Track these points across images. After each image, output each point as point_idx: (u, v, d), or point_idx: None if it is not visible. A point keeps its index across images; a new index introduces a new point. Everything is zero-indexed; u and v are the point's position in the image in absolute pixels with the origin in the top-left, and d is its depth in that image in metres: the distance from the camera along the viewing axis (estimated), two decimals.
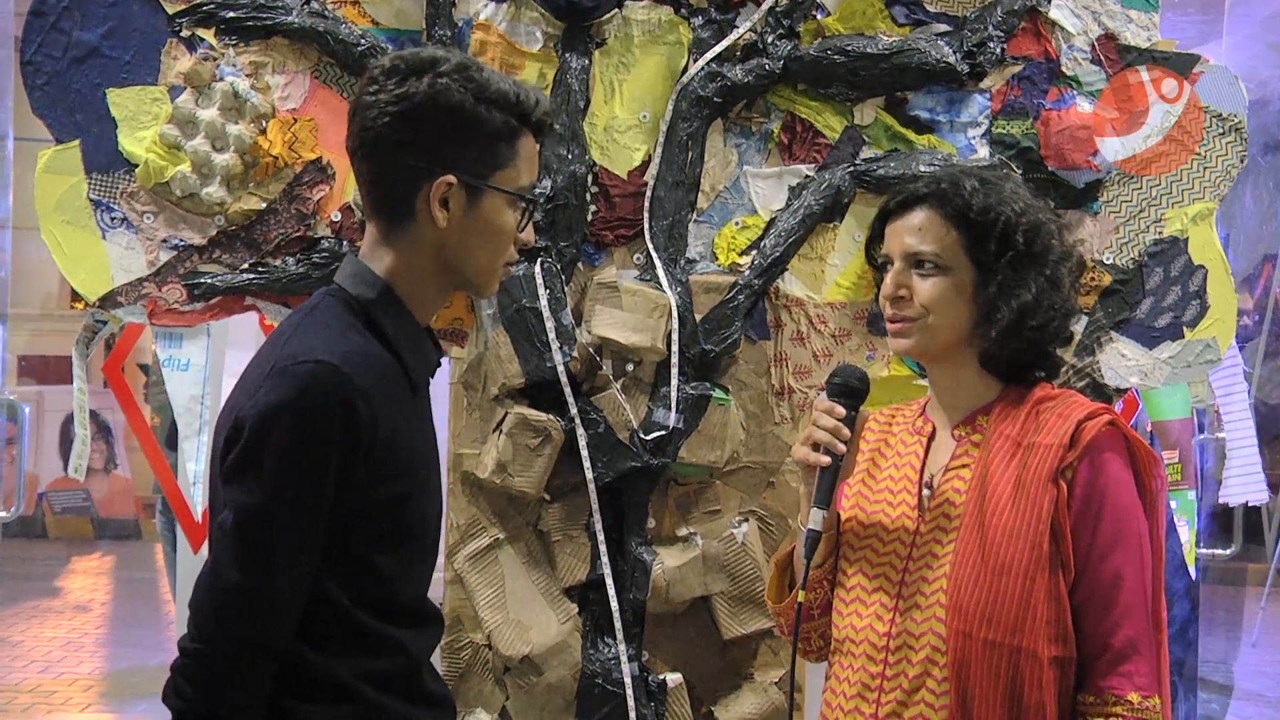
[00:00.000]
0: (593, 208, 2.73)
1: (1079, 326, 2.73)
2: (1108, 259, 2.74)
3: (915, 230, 1.98)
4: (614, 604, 2.69)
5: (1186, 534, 3.97)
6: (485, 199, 1.84)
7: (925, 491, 2.00)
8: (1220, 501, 4.06)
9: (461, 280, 1.91)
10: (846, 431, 1.96)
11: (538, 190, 1.86)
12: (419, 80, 1.79)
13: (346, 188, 2.72)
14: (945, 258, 1.95)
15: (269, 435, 1.69)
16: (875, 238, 2.08)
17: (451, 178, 1.80)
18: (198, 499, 3.69)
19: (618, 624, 2.69)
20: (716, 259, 2.76)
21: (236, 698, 1.71)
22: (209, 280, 2.71)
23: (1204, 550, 4.60)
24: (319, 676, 1.77)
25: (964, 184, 1.96)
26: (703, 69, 2.71)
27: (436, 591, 2.56)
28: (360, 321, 1.83)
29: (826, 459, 1.95)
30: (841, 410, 1.97)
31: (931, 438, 2.05)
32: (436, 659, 2.65)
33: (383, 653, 1.82)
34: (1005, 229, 1.94)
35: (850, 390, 1.99)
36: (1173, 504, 3.97)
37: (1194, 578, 4.52)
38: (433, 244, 1.84)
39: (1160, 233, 2.74)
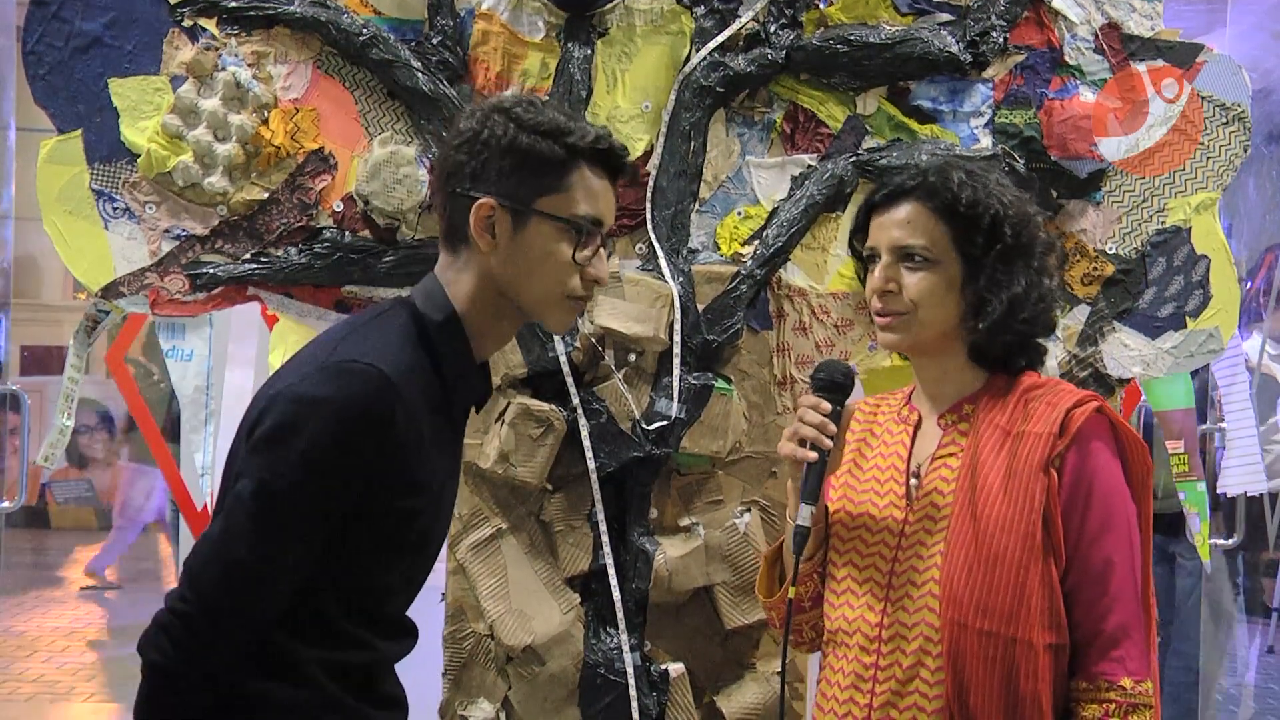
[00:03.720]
0: None
1: (1081, 316, 2.73)
2: (1111, 249, 2.73)
3: (903, 224, 1.97)
4: (616, 594, 2.69)
5: (1197, 525, 3.95)
6: (531, 225, 1.86)
7: (913, 481, 2.00)
8: (1219, 492, 4.06)
9: (519, 310, 1.92)
10: (832, 427, 1.96)
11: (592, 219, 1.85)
12: (478, 116, 1.87)
13: (348, 178, 2.72)
14: (934, 251, 1.95)
15: (308, 422, 1.72)
16: (859, 230, 2.07)
17: (491, 200, 1.84)
18: (205, 490, 3.69)
19: (620, 614, 2.69)
20: (719, 249, 2.76)
21: (211, 663, 1.75)
22: (211, 270, 2.71)
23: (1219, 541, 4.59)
24: (280, 658, 1.80)
25: (951, 176, 1.96)
26: (705, 59, 2.71)
27: (439, 581, 2.58)
28: (420, 340, 1.86)
29: (813, 454, 1.95)
30: (827, 405, 1.97)
31: (918, 427, 2.04)
32: (438, 649, 2.67)
33: (350, 650, 1.85)
34: (994, 222, 1.93)
35: (835, 385, 1.99)
36: (1181, 496, 3.96)
37: (1207, 570, 4.51)
38: (485, 271, 1.88)
39: (1163, 222, 2.74)
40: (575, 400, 2.67)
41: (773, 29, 2.72)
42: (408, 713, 2.02)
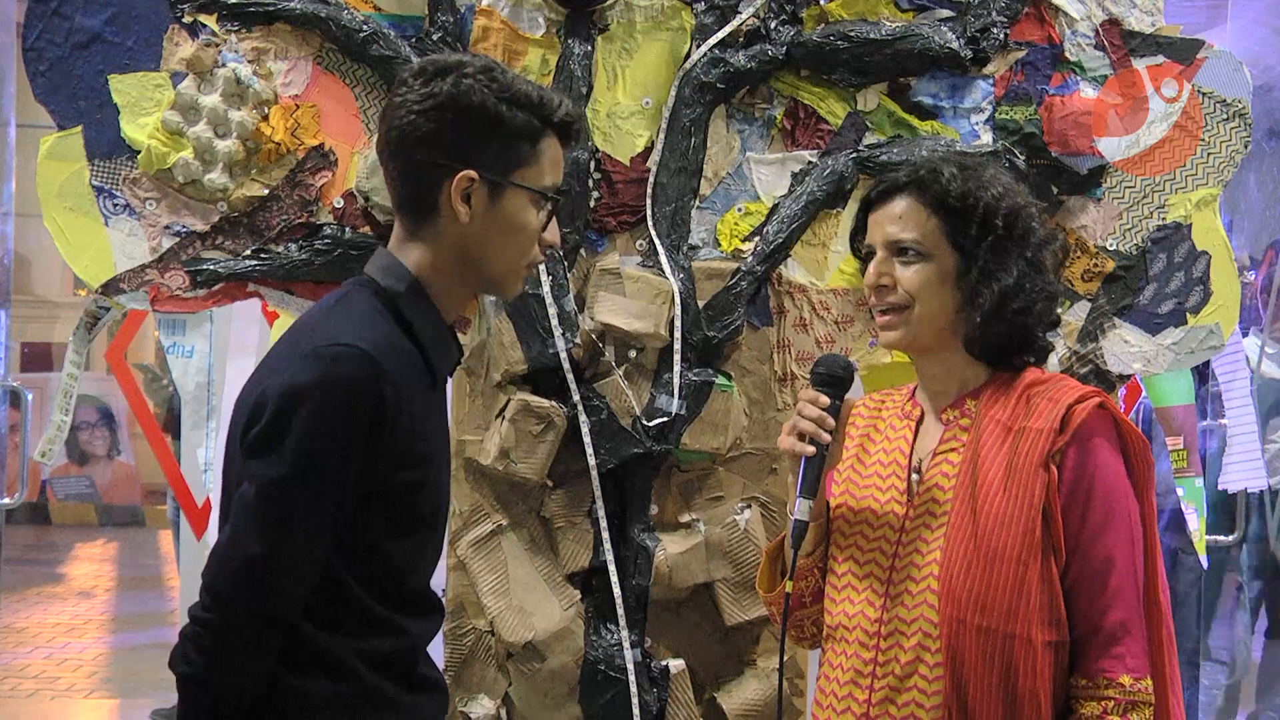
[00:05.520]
0: (595, 194, 2.73)
1: (1082, 313, 2.73)
2: (1111, 245, 2.73)
3: (896, 219, 1.98)
4: (616, 590, 2.69)
5: (1195, 522, 3.95)
6: (507, 196, 1.86)
7: (914, 477, 2.00)
8: (1220, 488, 4.06)
9: (484, 279, 1.93)
10: (831, 421, 1.96)
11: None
12: (443, 80, 1.84)
13: (349, 174, 2.72)
14: (927, 244, 1.96)
15: (295, 413, 1.72)
16: (859, 229, 2.09)
17: (473, 173, 1.84)
18: (207, 485, 3.70)
19: (620, 610, 2.69)
20: (719, 245, 2.75)
21: (242, 667, 1.75)
22: (212, 267, 2.71)
23: (1207, 537, 4.59)
24: (317, 653, 1.80)
25: (942, 171, 1.97)
26: (705, 55, 2.71)
27: (440, 577, 2.57)
28: (388, 312, 1.86)
29: (811, 449, 1.95)
30: (826, 400, 1.97)
31: (920, 422, 2.05)
32: (439, 646, 2.66)
33: (383, 635, 1.85)
34: (985, 213, 1.94)
35: (834, 379, 1.99)
36: (1179, 491, 3.96)
37: (1205, 566, 4.51)
38: (455, 240, 1.87)
39: (1164, 218, 2.73)
40: (576, 397, 2.67)
41: (773, 25, 2.72)
42: (447, 695, 2.02)
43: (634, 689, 2.67)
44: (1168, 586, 1.97)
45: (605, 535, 2.70)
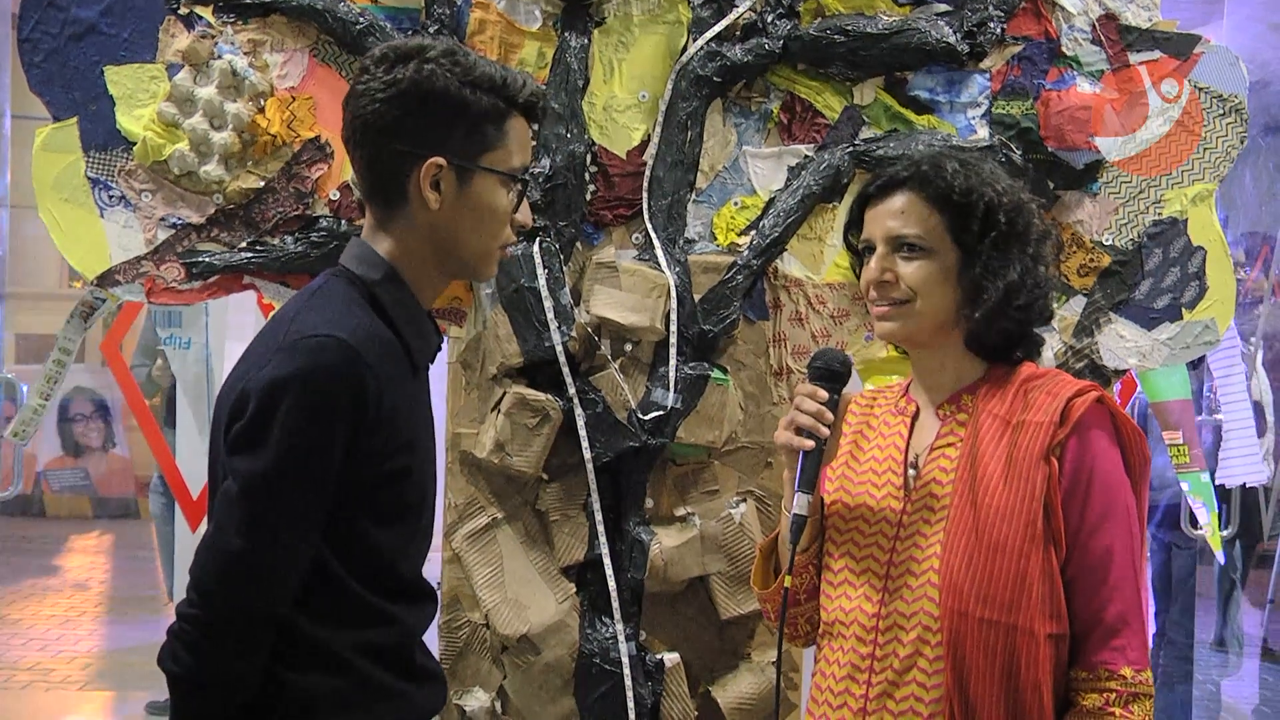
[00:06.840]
0: (591, 187, 2.72)
1: (1078, 308, 2.73)
2: (1107, 240, 2.73)
3: (898, 214, 1.97)
4: (612, 584, 2.69)
5: (1206, 516, 3.93)
6: (476, 180, 1.86)
7: (910, 472, 2.00)
8: (1218, 483, 4.06)
9: (458, 264, 1.93)
10: (829, 415, 1.96)
11: (534, 171, 1.92)
12: (406, 66, 1.82)
13: (344, 166, 2.71)
14: (929, 240, 1.95)
15: (277, 407, 1.71)
16: (854, 223, 2.08)
17: (441, 159, 1.83)
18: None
19: (615, 604, 2.69)
20: (715, 239, 2.75)
21: (233, 663, 1.74)
22: (207, 259, 2.71)
23: (1201, 532, 4.61)
24: (313, 647, 1.79)
25: (945, 166, 1.96)
26: (702, 48, 2.71)
27: (435, 570, 2.58)
28: (365, 302, 1.85)
29: (810, 443, 1.95)
30: (824, 394, 1.97)
31: (915, 418, 2.05)
32: (433, 637, 2.66)
33: (377, 626, 1.85)
34: (988, 209, 1.94)
35: (832, 374, 1.98)
36: (1185, 486, 3.96)
37: (1222, 562, 4.49)
38: (427, 226, 1.87)
39: (1160, 214, 2.74)
40: (571, 390, 2.67)
41: (770, 19, 2.71)
42: (445, 684, 2.02)
43: (629, 682, 2.68)
44: (1148, 585, 1.97)
45: (600, 529, 2.70)
